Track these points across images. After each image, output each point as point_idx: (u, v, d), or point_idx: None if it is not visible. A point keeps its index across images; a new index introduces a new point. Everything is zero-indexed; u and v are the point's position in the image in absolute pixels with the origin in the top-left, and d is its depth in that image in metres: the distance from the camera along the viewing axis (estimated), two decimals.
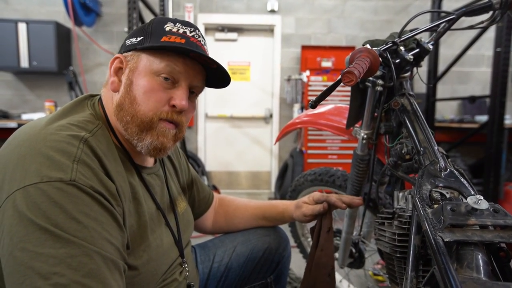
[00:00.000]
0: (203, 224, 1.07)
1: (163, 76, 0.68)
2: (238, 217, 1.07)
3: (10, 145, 0.59)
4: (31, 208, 0.51)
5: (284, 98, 3.86)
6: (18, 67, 3.32)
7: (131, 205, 0.67)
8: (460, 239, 0.55)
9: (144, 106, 0.67)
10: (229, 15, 3.83)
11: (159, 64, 0.67)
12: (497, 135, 2.45)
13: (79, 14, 3.24)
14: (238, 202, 1.10)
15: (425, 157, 0.77)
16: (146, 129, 0.68)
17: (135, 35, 0.71)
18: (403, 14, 3.86)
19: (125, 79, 0.69)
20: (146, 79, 0.67)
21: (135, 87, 0.68)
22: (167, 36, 0.68)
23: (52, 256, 0.49)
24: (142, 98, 0.67)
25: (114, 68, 0.71)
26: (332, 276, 0.95)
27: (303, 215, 0.99)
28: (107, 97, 0.72)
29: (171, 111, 0.70)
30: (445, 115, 3.83)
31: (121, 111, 0.68)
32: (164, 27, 0.69)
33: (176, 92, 0.69)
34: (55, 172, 0.53)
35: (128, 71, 0.69)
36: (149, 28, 0.70)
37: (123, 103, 0.68)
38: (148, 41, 0.68)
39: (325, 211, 0.98)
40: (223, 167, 4.11)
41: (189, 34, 0.70)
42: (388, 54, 0.86)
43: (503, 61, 2.41)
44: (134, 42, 0.70)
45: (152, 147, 0.69)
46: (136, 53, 0.69)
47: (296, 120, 1.41)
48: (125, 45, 0.72)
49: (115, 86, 0.70)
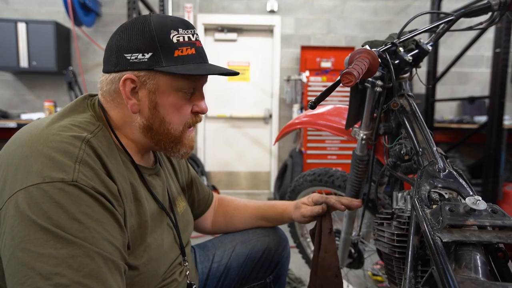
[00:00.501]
0: (202, 224, 1.07)
1: (185, 91, 0.70)
2: (237, 217, 1.07)
3: (12, 146, 0.59)
4: (33, 209, 0.51)
5: (284, 99, 3.86)
6: (17, 67, 3.32)
7: (132, 206, 0.67)
8: (459, 240, 0.55)
9: (175, 123, 0.71)
10: (229, 15, 3.83)
11: (181, 81, 0.69)
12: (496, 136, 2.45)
13: (78, 14, 3.24)
14: (238, 202, 1.10)
15: (424, 157, 0.77)
16: (179, 142, 0.73)
17: (141, 49, 0.65)
18: (402, 14, 3.87)
19: (147, 102, 0.68)
20: (171, 99, 0.69)
21: (162, 108, 0.69)
22: (178, 49, 0.67)
23: (53, 257, 0.49)
24: (172, 116, 0.70)
25: (129, 90, 0.67)
26: (339, 277, 0.96)
27: (302, 216, 0.99)
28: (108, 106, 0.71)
29: (195, 118, 0.75)
30: (444, 116, 3.83)
31: (150, 131, 0.70)
32: (171, 37, 0.66)
33: (196, 99, 0.73)
34: (57, 172, 0.53)
35: (147, 92, 0.67)
36: (155, 41, 0.65)
37: (152, 125, 0.70)
38: (160, 59, 0.65)
39: (324, 212, 0.97)
40: (223, 167, 4.11)
41: (193, 40, 0.70)
42: (387, 55, 0.86)
43: (502, 62, 2.41)
44: (142, 59, 0.65)
45: (186, 154, 0.76)
46: (152, 72, 0.66)
47: (296, 120, 1.41)
48: (127, 61, 0.66)
49: (135, 108, 0.69)
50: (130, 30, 0.67)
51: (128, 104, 0.68)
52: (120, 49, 0.66)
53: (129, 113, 0.69)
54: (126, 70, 0.66)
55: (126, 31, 0.67)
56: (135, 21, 0.68)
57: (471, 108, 3.75)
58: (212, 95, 3.97)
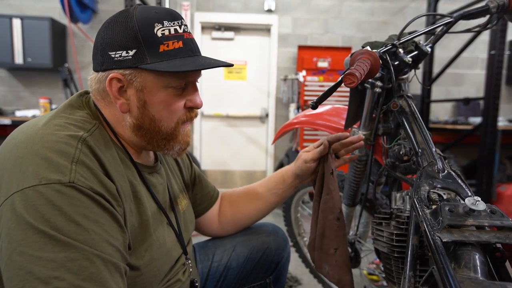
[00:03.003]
0: (209, 221, 1.02)
1: (175, 87, 0.67)
2: (243, 201, 1.03)
3: (7, 146, 0.58)
4: (30, 211, 0.50)
5: (280, 98, 3.86)
6: (12, 63, 3.29)
7: (132, 205, 0.66)
8: (458, 240, 0.56)
9: (165, 121, 0.68)
10: (226, 14, 3.82)
11: (170, 78, 0.65)
12: (491, 137, 2.48)
13: (75, 11, 3.22)
14: (240, 188, 1.07)
15: (423, 158, 0.78)
16: (173, 138, 0.70)
17: (123, 46, 0.62)
18: (399, 15, 3.89)
19: (135, 100, 0.66)
20: (160, 96, 0.66)
21: (151, 106, 0.66)
22: (163, 43, 0.63)
23: (51, 260, 0.48)
24: (162, 114, 0.67)
25: (116, 90, 0.65)
26: (342, 220, 0.93)
27: (304, 162, 0.95)
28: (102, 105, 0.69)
29: (189, 113, 0.72)
30: (439, 117, 3.87)
31: (140, 130, 0.68)
32: (155, 32, 0.63)
33: (189, 94, 0.70)
34: (53, 174, 0.52)
35: (134, 91, 0.65)
36: (139, 36, 0.62)
37: (142, 124, 0.67)
38: (145, 55, 0.62)
39: (326, 150, 0.93)
40: (218, 165, 4.11)
41: (180, 31, 0.65)
42: (387, 56, 0.87)
43: (497, 64, 2.43)
44: (127, 57, 0.63)
45: (181, 150, 0.73)
46: (137, 70, 0.64)
47: (294, 120, 1.41)
48: (112, 59, 0.63)
49: (125, 107, 0.66)
50: (113, 25, 0.64)
51: (117, 104, 0.66)
52: (104, 47, 0.64)
53: (119, 112, 0.67)
54: (112, 69, 0.64)
55: (109, 26, 0.64)
56: (118, 16, 0.65)
57: (465, 109, 3.79)
58: (209, 94, 3.97)
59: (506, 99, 3.94)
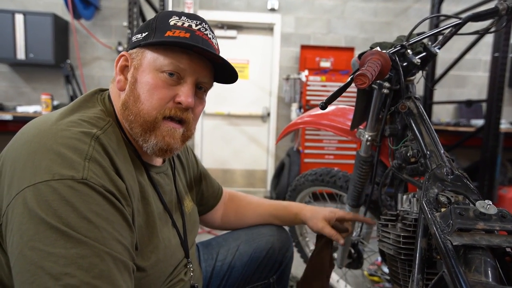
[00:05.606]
0: (211, 218, 1.07)
1: (167, 72, 0.66)
2: (250, 213, 1.08)
3: (19, 140, 0.58)
4: (42, 206, 0.50)
5: (282, 97, 3.86)
6: (14, 59, 3.28)
7: (140, 205, 0.66)
8: (469, 243, 0.55)
9: (147, 104, 0.65)
10: (229, 12, 3.81)
11: (163, 60, 0.65)
12: (493, 139, 2.47)
13: (78, 7, 3.21)
14: (251, 199, 1.11)
15: (431, 160, 0.78)
16: (150, 129, 0.66)
17: (141, 31, 0.69)
18: (402, 16, 3.88)
19: (130, 77, 0.68)
20: (150, 76, 0.66)
21: (139, 85, 0.66)
22: (171, 30, 0.65)
23: (63, 256, 0.48)
24: (146, 96, 0.65)
25: (120, 66, 0.70)
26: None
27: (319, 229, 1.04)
28: (114, 94, 0.71)
29: (176, 108, 0.67)
30: (441, 118, 3.86)
31: (126, 110, 0.67)
32: (169, 21, 0.67)
33: (181, 89, 0.67)
34: (66, 169, 0.52)
35: (132, 69, 0.68)
36: (154, 23, 0.68)
37: (128, 102, 0.67)
38: (152, 36, 0.66)
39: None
40: (219, 164, 4.10)
41: (194, 28, 0.67)
42: (396, 57, 0.86)
43: (500, 66, 2.42)
44: (139, 38, 0.68)
45: (158, 148, 0.67)
46: (140, 49, 0.67)
47: (299, 120, 1.41)
48: (131, 42, 0.71)
49: (122, 84, 0.69)
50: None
51: (116, 80, 0.70)
52: (132, 35, 0.72)
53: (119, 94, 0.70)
54: (128, 50, 0.71)
55: None
56: None
57: (467, 111, 3.78)
58: (211, 92, 3.90)
59: (509, 101, 3.94)
